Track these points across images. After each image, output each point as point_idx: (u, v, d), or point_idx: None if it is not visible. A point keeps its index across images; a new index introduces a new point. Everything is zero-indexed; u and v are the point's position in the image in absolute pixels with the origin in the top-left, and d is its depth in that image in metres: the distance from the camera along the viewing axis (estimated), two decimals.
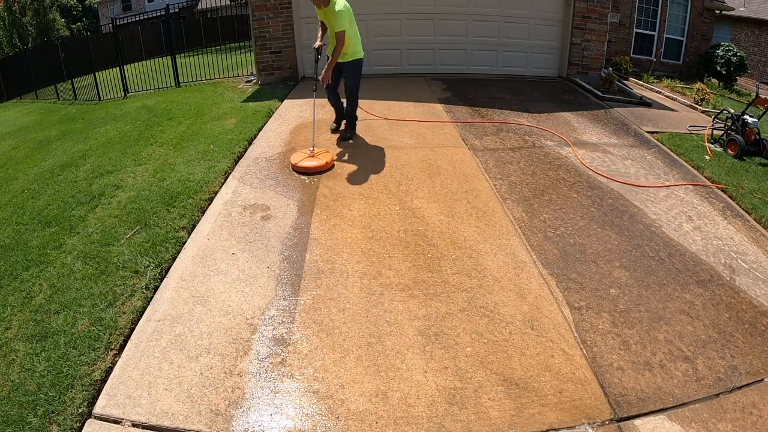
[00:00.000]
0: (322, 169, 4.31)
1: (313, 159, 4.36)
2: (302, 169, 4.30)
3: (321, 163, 4.33)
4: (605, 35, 7.72)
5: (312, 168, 4.29)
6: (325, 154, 4.48)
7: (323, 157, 4.42)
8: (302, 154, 4.45)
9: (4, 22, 22.20)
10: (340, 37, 4.33)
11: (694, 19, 11.78)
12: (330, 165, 4.41)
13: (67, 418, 2.09)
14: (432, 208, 3.76)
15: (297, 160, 4.38)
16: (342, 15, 4.27)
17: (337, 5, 4.26)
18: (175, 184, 4.07)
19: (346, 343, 2.52)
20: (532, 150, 4.95)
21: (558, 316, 2.76)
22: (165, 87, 9.00)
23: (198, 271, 3.02)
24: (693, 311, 2.87)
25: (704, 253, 3.45)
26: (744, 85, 12.58)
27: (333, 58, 4.41)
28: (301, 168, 4.30)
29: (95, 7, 33.62)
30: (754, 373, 2.46)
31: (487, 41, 7.70)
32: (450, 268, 3.11)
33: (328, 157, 4.45)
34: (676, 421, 2.19)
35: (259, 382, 2.29)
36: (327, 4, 4.31)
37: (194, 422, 2.09)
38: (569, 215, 3.79)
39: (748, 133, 5.35)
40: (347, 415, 2.15)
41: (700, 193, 4.36)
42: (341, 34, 4.32)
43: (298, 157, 4.43)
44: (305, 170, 4.29)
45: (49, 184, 4.60)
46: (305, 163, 4.33)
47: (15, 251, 3.41)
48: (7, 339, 2.56)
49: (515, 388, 2.31)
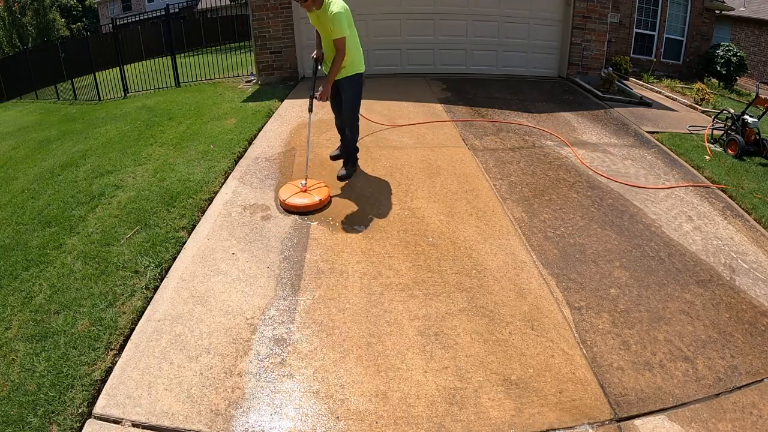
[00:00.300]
0: (316, 207, 3.63)
1: (305, 196, 3.68)
2: (291, 207, 3.61)
3: (313, 200, 3.63)
4: (605, 35, 7.72)
5: (303, 207, 3.60)
6: (319, 189, 3.78)
7: (317, 192, 3.73)
8: (293, 188, 3.77)
9: (4, 22, 22.21)
10: (339, 45, 3.58)
11: (694, 19, 11.78)
12: (326, 202, 3.70)
13: (67, 418, 2.09)
14: (432, 208, 3.76)
15: (286, 195, 3.68)
16: (339, 18, 3.49)
17: (333, 6, 3.50)
18: (175, 184, 4.07)
19: (346, 343, 2.52)
20: (532, 150, 4.95)
21: (558, 316, 2.76)
22: (165, 87, 9.00)
23: (198, 271, 3.02)
24: (693, 311, 2.87)
25: (704, 253, 3.45)
26: (744, 85, 12.58)
27: (332, 71, 3.67)
28: (290, 206, 3.61)
29: (95, 7, 33.63)
30: (754, 373, 2.46)
31: (487, 41, 7.70)
32: (450, 268, 3.11)
33: (324, 192, 3.74)
34: (676, 421, 2.19)
35: (259, 382, 2.29)
36: (319, 6, 3.55)
37: (194, 422, 2.09)
38: (569, 215, 3.79)
39: (748, 133, 5.35)
40: (347, 415, 2.15)
41: (700, 193, 4.36)
42: (341, 42, 3.57)
43: (287, 191, 3.75)
44: (295, 209, 3.60)
45: (49, 184, 4.60)
46: (295, 201, 3.62)
47: (15, 251, 3.41)
48: (7, 339, 2.56)
49: (515, 388, 2.31)
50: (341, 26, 3.52)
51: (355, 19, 3.76)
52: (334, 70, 3.66)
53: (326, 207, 3.67)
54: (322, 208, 3.65)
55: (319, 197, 3.67)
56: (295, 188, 3.76)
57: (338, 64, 3.64)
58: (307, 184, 3.77)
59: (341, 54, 3.60)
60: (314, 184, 3.84)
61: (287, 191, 3.75)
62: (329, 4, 3.52)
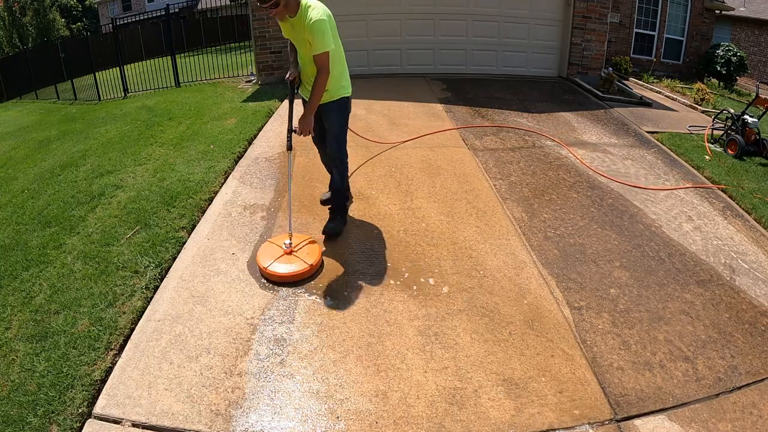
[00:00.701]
0: (304, 275, 2.89)
1: (291, 260, 2.92)
2: (273, 277, 2.87)
3: (301, 268, 2.88)
4: (605, 35, 7.72)
5: (287, 276, 2.85)
6: (309, 250, 3.01)
7: (306, 254, 2.97)
8: (275, 249, 3.00)
9: (4, 22, 22.21)
10: (322, 63, 2.84)
11: (694, 19, 11.78)
12: (316, 268, 2.96)
13: (67, 418, 2.09)
14: (432, 208, 3.76)
15: (266, 261, 2.90)
16: (321, 28, 2.76)
17: (312, 12, 2.77)
18: (175, 184, 4.07)
19: (346, 343, 2.52)
20: (532, 150, 4.95)
21: (558, 316, 2.76)
22: (165, 87, 9.00)
23: (198, 271, 3.02)
24: (693, 311, 2.87)
25: (704, 253, 3.45)
26: (744, 85, 12.58)
27: (315, 96, 2.91)
28: (272, 276, 2.87)
29: (95, 7, 33.62)
30: (754, 373, 2.46)
31: (487, 41, 7.70)
32: (450, 268, 3.11)
33: (314, 255, 2.97)
34: (676, 421, 2.19)
35: (259, 382, 2.29)
36: (294, 12, 2.82)
37: (194, 422, 2.09)
38: (569, 215, 3.79)
39: (748, 133, 5.35)
40: (347, 415, 2.15)
41: (700, 193, 4.36)
42: (324, 59, 2.83)
43: (268, 253, 2.97)
44: (279, 279, 2.87)
45: (49, 184, 4.60)
46: (277, 269, 2.86)
47: (15, 251, 3.41)
48: (7, 339, 2.56)
49: (515, 388, 2.31)
50: (324, 38, 2.79)
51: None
52: (317, 95, 2.91)
53: (318, 272, 2.99)
54: (311, 275, 2.94)
55: (311, 261, 2.92)
56: (278, 250, 2.98)
57: (322, 87, 2.89)
58: (293, 243, 3.02)
59: (325, 73, 2.86)
60: (300, 240, 3.10)
61: (268, 254, 2.96)
62: (307, 10, 2.79)
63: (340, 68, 3.08)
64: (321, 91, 2.92)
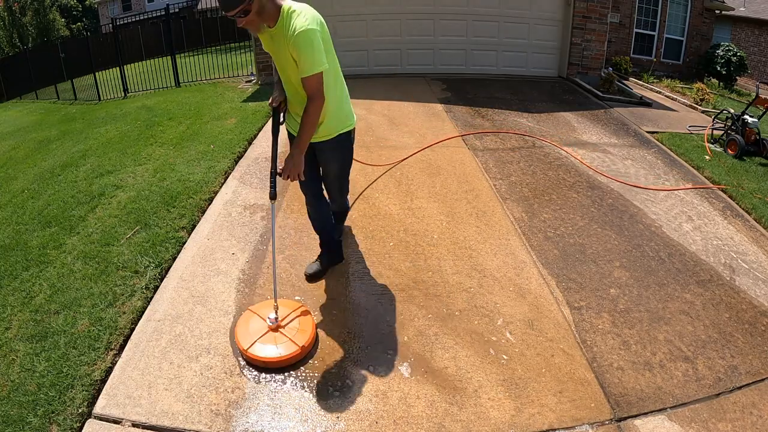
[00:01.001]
0: (292, 360, 2.32)
1: (277, 339, 2.36)
2: (256, 361, 2.32)
3: (290, 352, 2.31)
4: (605, 35, 7.72)
5: (272, 362, 2.30)
6: (302, 324, 2.45)
7: (296, 332, 2.40)
8: (258, 325, 2.44)
9: (4, 22, 22.21)
10: (313, 88, 2.19)
11: (694, 19, 11.78)
12: (308, 350, 2.38)
13: (67, 418, 2.09)
14: (432, 208, 3.76)
15: (247, 341, 2.35)
16: (309, 40, 2.10)
17: (297, 20, 2.11)
18: (175, 184, 4.07)
19: (346, 343, 2.52)
20: (532, 150, 4.95)
21: (558, 316, 2.76)
22: (165, 87, 9.00)
23: (198, 271, 3.02)
24: (693, 311, 2.87)
25: (704, 253, 3.45)
26: (744, 85, 12.57)
27: (305, 132, 2.25)
28: (254, 360, 2.32)
29: (95, 7, 33.61)
30: (754, 373, 2.46)
31: (487, 41, 7.70)
32: (450, 268, 3.11)
33: (306, 334, 2.39)
34: (676, 421, 2.19)
35: (259, 382, 2.28)
36: (273, 22, 2.16)
37: (194, 422, 2.09)
38: (569, 215, 3.79)
39: (748, 133, 5.35)
40: (347, 415, 2.15)
41: (700, 193, 4.36)
42: (314, 84, 2.18)
43: (249, 331, 2.41)
44: (262, 364, 2.31)
45: (49, 184, 4.60)
46: (259, 352, 2.31)
47: (15, 251, 3.41)
48: (7, 339, 2.56)
49: (515, 388, 2.31)
50: (313, 54, 2.12)
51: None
52: (308, 130, 2.25)
53: (312, 354, 2.41)
54: (301, 360, 2.36)
55: (302, 342, 2.35)
56: (262, 326, 2.43)
57: (314, 119, 2.23)
58: (279, 316, 2.44)
59: (318, 101, 2.21)
60: (289, 310, 2.53)
61: (249, 331, 2.41)
62: (290, 17, 2.13)
63: (338, 93, 2.39)
64: (313, 125, 2.26)
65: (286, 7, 2.17)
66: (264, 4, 2.10)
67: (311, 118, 2.23)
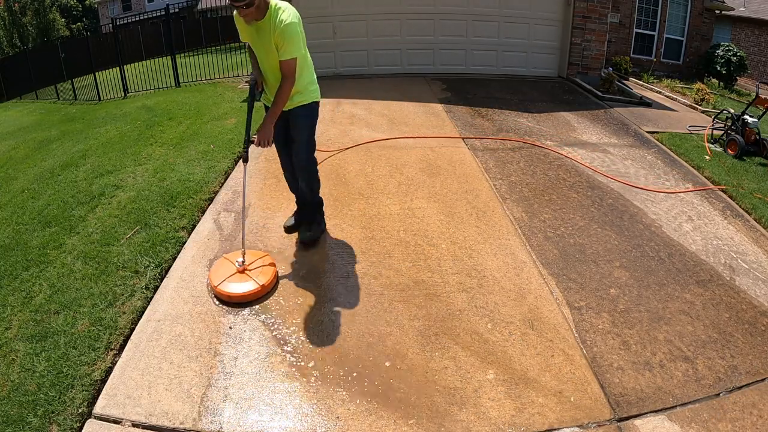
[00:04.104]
0: (256, 296, 2.73)
1: (243, 279, 2.77)
2: (223, 296, 2.73)
3: (252, 288, 2.72)
4: (605, 35, 7.72)
5: (237, 296, 2.70)
6: (263, 269, 2.85)
7: (259, 273, 2.81)
8: (227, 266, 2.86)
9: (4, 22, 22.20)
10: (289, 69, 2.68)
11: (694, 19, 11.78)
12: (269, 287, 2.79)
13: (67, 418, 2.09)
14: (432, 208, 3.76)
15: (218, 278, 2.77)
16: (292, 32, 2.61)
17: (283, 14, 2.60)
18: (175, 184, 4.07)
19: (346, 343, 2.52)
20: (532, 150, 4.95)
21: (558, 316, 2.76)
22: (165, 87, 9.00)
23: (198, 271, 3.02)
24: (693, 311, 2.87)
25: (704, 253, 3.45)
26: (744, 85, 12.57)
27: (277, 104, 2.74)
28: (222, 295, 2.73)
29: (95, 7, 33.62)
30: (754, 373, 2.46)
31: (487, 41, 7.70)
32: (450, 268, 3.11)
33: (267, 274, 2.81)
34: (676, 421, 2.19)
35: (259, 383, 2.29)
36: (262, 15, 2.61)
37: (194, 422, 2.09)
38: (569, 215, 3.79)
39: (748, 133, 5.36)
40: (347, 415, 2.15)
41: (699, 192, 4.36)
42: (291, 66, 2.68)
43: (220, 271, 2.84)
44: (228, 299, 2.72)
45: (49, 184, 4.60)
46: (227, 288, 2.72)
47: (15, 251, 3.41)
48: (7, 339, 2.56)
49: (515, 388, 2.31)
50: (294, 43, 2.62)
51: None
52: (280, 104, 2.74)
53: (272, 292, 2.81)
54: (264, 295, 2.77)
55: (262, 281, 2.75)
56: (231, 267, 2.85)
57: (286, 95, 2.72)
58: (246, 261, 2.87)
59: (290, 81, 2.70)
60: (256, 257, 2.95)
61: (220, 271, 2.84)
62: (277, 12, 2.60)
63: (309, 72, 2.92)
64: (284, 100, 2.74)
65: (273, 3, 2.64)
66: (261, 1, 2.56)
67: (284, 95, 2.72)
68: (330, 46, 7.34)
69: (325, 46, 7.29)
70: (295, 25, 2.62)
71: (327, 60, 7.35)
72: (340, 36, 7.30)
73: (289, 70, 2.68)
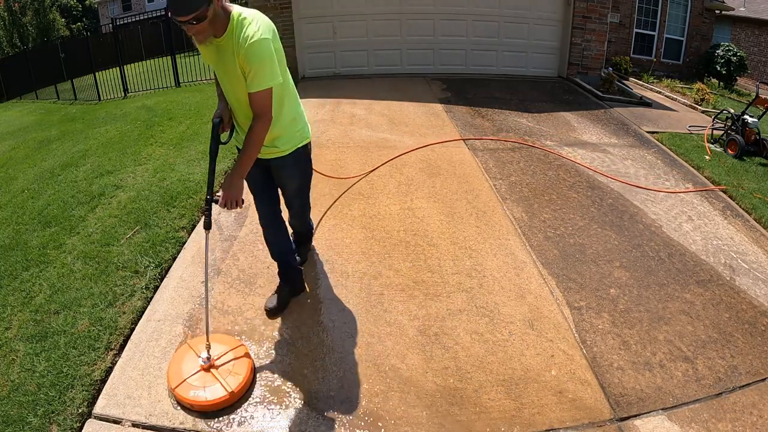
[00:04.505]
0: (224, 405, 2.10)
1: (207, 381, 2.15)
2: (184, 402, 2.10)
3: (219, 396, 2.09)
4: (605, 35, 7.72)
5: (199, 405, 2.08)
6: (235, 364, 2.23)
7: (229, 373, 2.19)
8: (190, 358, 2.25)
9: (4, 22, 22.20)
10: (260, 104, 1.99)
11: (694, 19, 11.78)
12: (239, 394, 2.14)
13: (67, 418, 2.09)
14: (432, 208, 3.76)
15: (177, 378, 2.16)
16: (263, 51, 1.91)
17: (249, 28, 1.91)
18: (175, 184, 4.07)
19: (346, 343, 2.52)
20: (532, 150, 4.95)
21: (558, 316, 2.76)
22: (165, 87, 9.00)
23: (198, 271, 3.02)
24: (693, 311, 2.87)
25: (704, 253, 3.44)
26: (744, 85, 12.57)
27: (245, 153, 2.07)
28: (182, 401, 2.11)
29: (95, 7, 33.60)
30: (754, 373, 2.46)
31: (487, 41, 7.71)
32: (450, 268, 3.11)
33: (241, 373, 2.19)
34: (676, 421, 2.19)
35: (259, 382, 2.28)
36: (221, 32, 1.93)
37: (194, 422, 2.09)
38: (569, 215, 3.79)
39: (748, 133, 5.36)
40: (344, 417, 2.14)
41: (700, 192, 4.36)
42: (262, 99, 1.98)
43: (179, 367, 2.21)
44: (189, 406, 2.10)
45: (49, 184, 4.60)
46: (188, 393, 2.10)
47: (15, 251, 3.41)
48: (7, 339, 2.56)
49: (515, 388, 2.31)
50: (266, 67, 1.93)
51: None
52: (252, 150, 2.05)
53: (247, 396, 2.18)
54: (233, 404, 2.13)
55: (234, 386, 2.13)
56: (194, 364, 2.22)
57: (259, 139, 2.04)
58: (213, 354, 2.24)
59: (264, 120, 2.01)
60: (226, 348, 2.31)
61: (179, 369, 2.21)
62: (241, 25, 1.91)
63: (292, 105, 2.21)
64: (258, 145, 2.05)
65: (236, 14, 1.94)
66: (218, 11, 1.87)
67: (256, 138, 2.02)
68: (330, 46, 7.34)
69: (325, 46, 7.29)
70: (267, 42, 1.90)
71: (327, 60, 7.36)
72: (340, 36, 7.29)
73: (261, 106, 1.98)
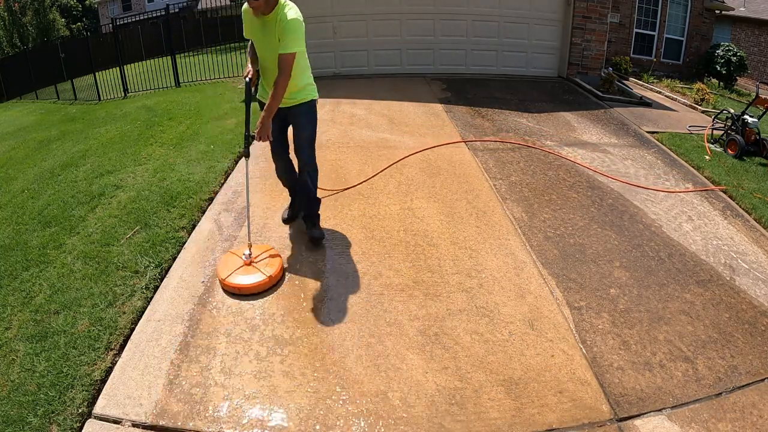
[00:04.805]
0: (264, 287, 2.82)
1: (250, 271, 2.85)
2: (233, 289, 2.81)
3: (259, 280, 2.80)
4: (605, 35, 7.72)
5: (246, 288, 2.79)
6: (269, 261, 2.94)
7: (266, 265, 2.90)
8: (234, 260, 2.94)
9: (4, 22, 22.19)
10: (286, 64, 2.72)
11: (694, 19, 11.78)
12: (276, 279, 2.88)
13: (67, 418, 2.09)
14: (432, 208, 3.76)
15: (226, 272, 2.85)
16: (296, 28, 2.70)
17: (289, 11, 2.72)
18: (175, 184, 4.07)
19: (346, 343, 2.52)
20: (532, 150, 4.95)
21: (558, 316, 2.76)
22: (165, 87, 9.00)
23: (198, 271, 3.02)
24: (693, 311, 2.87)
25: (704, 253, 3.45)
26: (744, 85, 12.57)
27: (275, 99, 2.77)
28: (231, 287, 2.81)
29: (95, 7, 33.61)
30: (754, 373, 2.46)
31: (487, 41, 7.71)
32: (450, 268, 3.11)
33: (274, 266, 2.90)
34: (676, 421, 2.19)
35: (259, 382, 2.28)
36: (270, 10, 2.73)
37: (194, 422, 2.09)
38: (569, 215, 3.79)
39: (748, 133, 5.36)
40: (347, 414, 2.15)
41: (699, 192, 4.36)
42: (289, 60, 2.72)
43: (227, 265, 2.91)
44: (238, 291, 2.80)
45: (49, 184, 4.60)
46: (236, 280, 2.80)
47: (15, 251, 3.41)
48: (7, 339, 2.56)
49: (515, 388, 2.30)
50: (296, 38, 2.71)
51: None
52: (277, 98, 2.76)
53: (279, 284, 2.89)
54: (272, 286, 2.85)
55: (269, 272, 2.84)
56: (237, 260, 2.92)
57: (282, 90, 2.75)
58: (252, 254, 2.94)
59: (286, 75, 2.73)
60: (261, 250, 3.03)
61: (227, 265, 2.90)
62: (284, 7, 2.72)
63: (308, 77, 3.02)
64: (281, 94, 2.77)
65: (282, 1, 2.76)
66: None
67: (280, 89, 2.75)
68: (330, 46, 7.34)
69: (325, 46, 7.29)
70: (299, 22, 2.73)
71: (327, 60, 7.36)
72: (340, 36, 7.30)
73: (286, 65, 2.72)
